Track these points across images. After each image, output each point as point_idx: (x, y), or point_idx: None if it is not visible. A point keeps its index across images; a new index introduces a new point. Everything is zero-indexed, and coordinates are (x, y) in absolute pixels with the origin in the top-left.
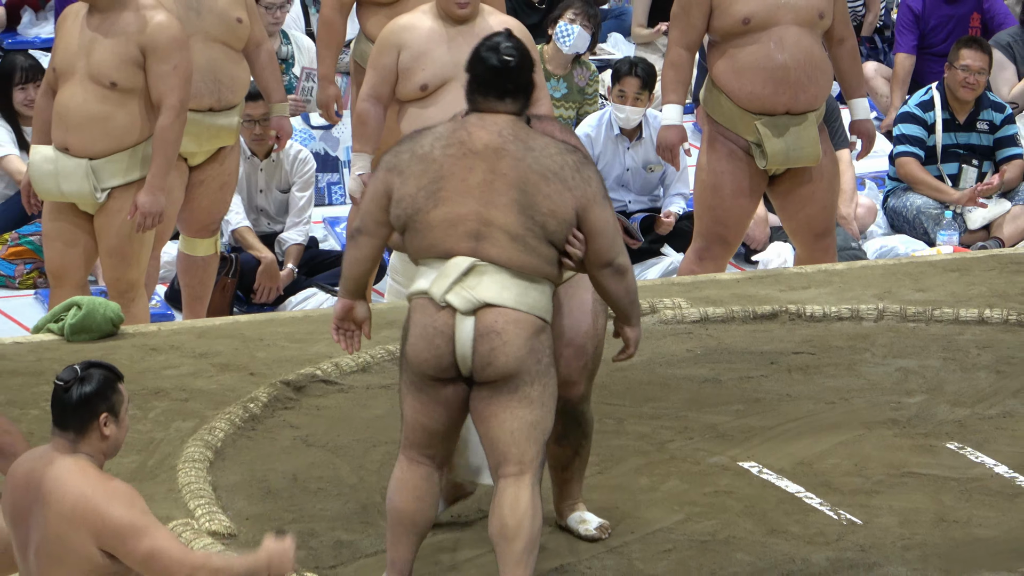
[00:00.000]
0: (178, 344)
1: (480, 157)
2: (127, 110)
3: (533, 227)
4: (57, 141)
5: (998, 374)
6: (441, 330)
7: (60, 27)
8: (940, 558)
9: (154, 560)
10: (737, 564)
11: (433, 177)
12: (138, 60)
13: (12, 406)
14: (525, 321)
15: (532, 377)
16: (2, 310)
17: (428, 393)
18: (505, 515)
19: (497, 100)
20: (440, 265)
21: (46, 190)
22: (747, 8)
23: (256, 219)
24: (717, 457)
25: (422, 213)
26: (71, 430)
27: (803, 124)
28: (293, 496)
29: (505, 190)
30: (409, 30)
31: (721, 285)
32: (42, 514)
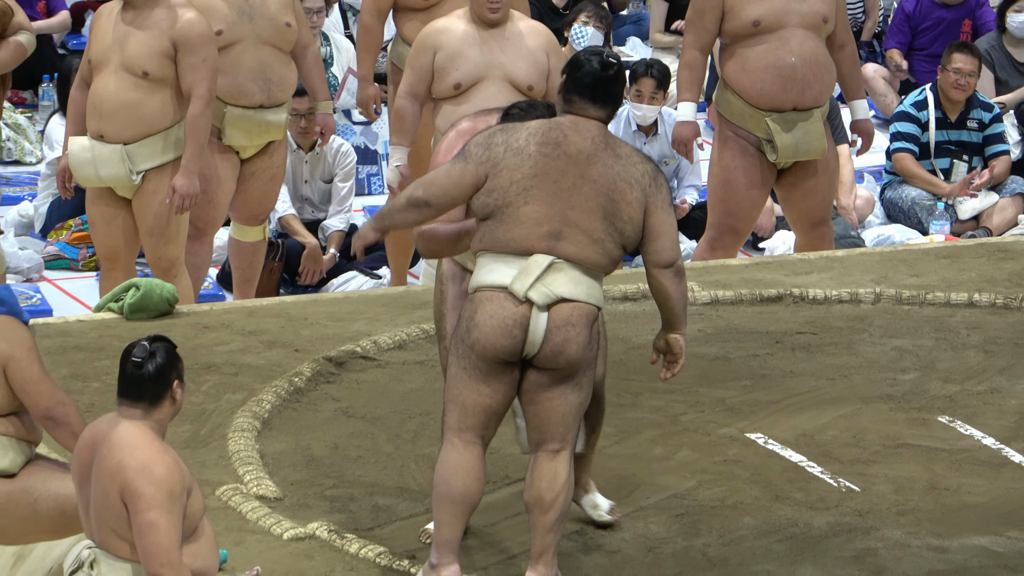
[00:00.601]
0: (228, 322)
1: (573, 161)
2: (158, 97)
3: (613, 232)
4: (92, 130)
5: (986, 353)
6: (520, 322)
7: (95, 23)
8: (932, 523)
9: (146, 534)
10: (744, 527)
11: (527, 174)
12: (169, 53)
13: (76, 379)
14: (591, 313)
15: (588, 364)
16: (67, 290)
17: (493, 375)
18: (543, 488)
19: (591, 104)
20: (516, 262)
21: (85, 177)
22: (757, 11)
23: (301, 207)
24: (726, 429)
25: (512, 207)
26: (145, 400)
27: (810, 119)
28: (334, 463)
29: (593, 195)
30: (444, 33)
31: (730, 270)
32: (97, 471)
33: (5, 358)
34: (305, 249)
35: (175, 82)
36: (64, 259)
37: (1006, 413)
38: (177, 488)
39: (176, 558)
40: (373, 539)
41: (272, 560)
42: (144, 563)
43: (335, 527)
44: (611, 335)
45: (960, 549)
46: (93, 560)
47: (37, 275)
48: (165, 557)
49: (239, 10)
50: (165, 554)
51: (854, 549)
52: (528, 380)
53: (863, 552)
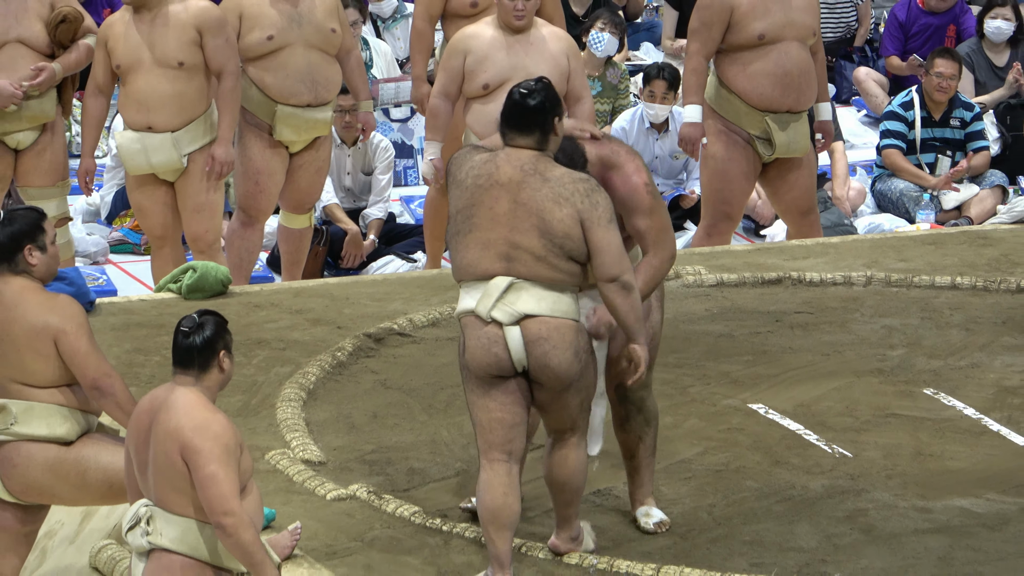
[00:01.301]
0: (277, 302)
1: (505, 188)
2: (194, 84)
3: (553, 248)
4: (139, 123)
5: (967, 331)
6: (495, 340)
7: (110, 33)
8: (918, 485)
9: (208, 486)
10: (746, 490)
11: (466, 203)
12: (196, 39)
13: (138, 353)
14: (564, 326)
15: (579, 371)
16: (130, 272)
17: (496, 388)
18: (557, 472)
19: (518, 134)
20: (480, 286)
21: (137, 165)
22: (762, 26)
23: (344, 197)
24: (730, 400)
25: (460, 236)
26: (195, 367)
27: (800, 120)
28: (373, 430)
29: (526, 217)
30: (473, 38)
31: (734, 255)
32: (156, 434)
33: (56, 331)
34: (347, 235)
35: (204, 67)
36: (127, 244)
37: (985, 386)
38: (231, 443)
39: (236, 506)
40: (408, 499)
41: (316, 519)
42: (208, 512)
43: (373, 488)
44: None
45: (943, 510)
46: (150, 517)
47: (103, 258)
48: (227, 505)
49: (289, 17)
50: (226, 502)
51: (846, 510)
52: (535, 396)
53: (855, 512)
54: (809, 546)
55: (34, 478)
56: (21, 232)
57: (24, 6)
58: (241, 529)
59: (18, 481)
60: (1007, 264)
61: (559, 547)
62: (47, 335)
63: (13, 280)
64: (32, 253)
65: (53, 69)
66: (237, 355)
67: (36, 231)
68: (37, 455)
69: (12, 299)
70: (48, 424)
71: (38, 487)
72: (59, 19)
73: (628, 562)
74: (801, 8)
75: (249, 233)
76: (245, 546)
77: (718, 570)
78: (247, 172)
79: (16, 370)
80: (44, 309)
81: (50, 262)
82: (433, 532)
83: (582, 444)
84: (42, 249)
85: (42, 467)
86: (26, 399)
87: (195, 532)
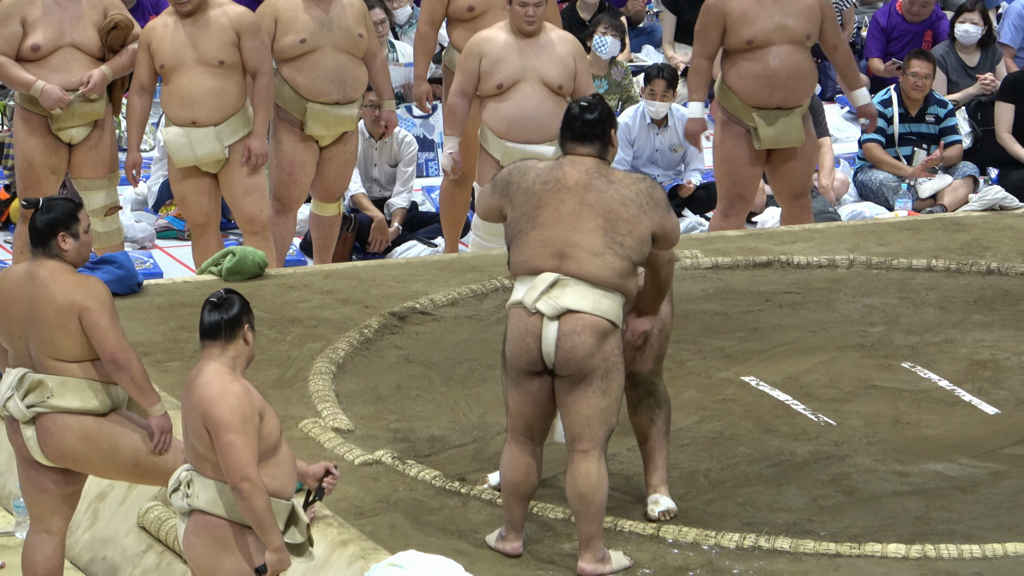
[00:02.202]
0: (309, 283)
1: (571, 192)
2: (233, 81)
3: (613, 245)
4: (183, 119)
5: (941, 310)
6: (531, 331)
7: (152, 37)
8: (896, 451)
9: (226, 453)
10: (739, 455)
11: (533, 206)
12: (234, 41)
13: (182, 330)
14: (598, 324)
15: (603, 372)
16: (175, 256)
17: (524, 386)
18: (580, 485)
19: (579, 144)
20: (530, 280)
21: (183, 158)
22: (750, 32)
23: (370, 187)
24: (724, 372)
25: (523, 234)
26: (222, 339)
27: (790, 116)
28: (397, 401)
29: (592, 217)
30: (488, 41)
31: (728, 240)
32: (186, 405)
33: (80, 308)
34: (373, 222)
35: (241, 66)
36: (172, 230)
37: (958, 360)
38: (248, 411)
39: (252, 472)
40: (429, 464)
41: (345, 482)
42: (227, 477)
43: (397, 454)
44: None
45: (919, 473)
46: (189, 481)
47: (150, 243)
48: (244, 472)
49: (320, 23)
50: (243, 469)
51: (831, 473)
52: (556, 388)
53: (838, 476)
54: (796, 507)
55: (69, 446)
56: (56, 220)
57: (79, 13)
58: (256, 494)
59: (54, 448)
60: (978, 248)
61: (587, 571)
62: (73, 312)
63: (47, 263)
64: (65, 239)
65: (103, 73)
66: (273, 332)
67: (70, 219)
68: (72, 425)
69: (44, 280)
70: (81, 397)
71: (72, 455)
72: (111, 25)
73: (631, 522)
74: (794, 13)
75: (283, 220)
76: (257, 510)
77: (713, 529)
78: (281, 164)
79: (49, 346)
80: (71, 288)
81: (81, 249)
82: (452, 494)
83: (603, 460)
84: (75, 236)
85: (76, 436)
86: (60, 374)
87: (227, 495)
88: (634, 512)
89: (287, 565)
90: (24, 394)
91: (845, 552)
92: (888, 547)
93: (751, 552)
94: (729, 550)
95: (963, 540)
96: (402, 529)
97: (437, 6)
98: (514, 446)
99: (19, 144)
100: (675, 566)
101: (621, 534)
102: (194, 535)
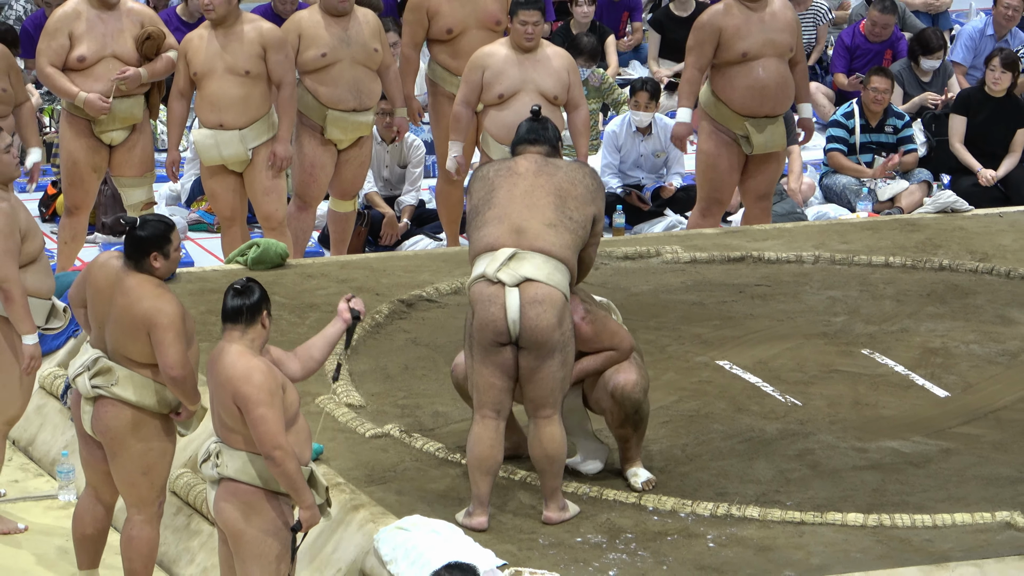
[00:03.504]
0: (326, 272)
1: (523, 176)
2: (258, 90)
3: (564, 219)
4: (212, 122)
5: (898, 302)
6: (495, 300)
7: (189, 46)
8: (856, 430)
9: (258, 426)
10: (714, 432)
11: (488, 190)
12: (261, 54)
13: (210, 314)
14: (556, 295)
15: (562, 345)
16: (205, 247)
17: (491, 359)
18: (547, 446)
19: (529, 144)
20: (490, 255)
21: (210, 157)
22: (744, 46)
23: (382, 186)
24: (701, 357)
25: (480, 216)
26: (242, 323)
27: (776, 123)
28: (404, 380)
29: (544, 195)
30: (490, 56)
31: (705, 237)
32: (212, 384)
33: (151, 324)
34: (384, 218)
35: (266, 76)
36: (203, 223)
37: (912, 347)
38: (273, 386)
39: (283, 441)
40: (434, 437)
41: (356, 453)
42: (259, 447)
43: (405, 428)
44: (613, 285)
45: (877, 450)
46: (218, 452)
47: (183, 236)
48: (275, 441)
49: (339, 38)
50: (275, 438)
51: (797, 449)
52: (521, 364)
53: (803, 451)
54: (765, 479)
55: (114, 430)
56: (150, 240)
57: (120, 27)
58: (288, 461)
59: (101, 427)
60: (931, 247)
61: (553, 519)
62: (145, 326)
63: (136, 275)
64: (157, 259)
65: (139, 72)
66: (293, 316)
67: (163, 241)
68: (122, 414)
69: (129, 289)
70: (139, 394)
71: (109, 438)
72: (145, 36)
73: (614, 491)
74: (779, 29)
75: (304, 215)
76: (290, 475)
77: (689, 498)
78: (303, 165)
79: (122, 346)
80: (149, 302)
81: (171, 266)
82: (454, 465)
83: (559, 419)
84: (166, 256)
85: (122, 425)
86: (128, 369)
87: (253, 464)
88: (616, 483)
89: (318, 521)
90: (93, 375)
91: (809, 520)
92: (848, 516)
93: (724, 519)
94: (704, 517)
95: (915, 510)
96: (408, 495)
97: (418, 29)
98: (481, 422)
99: (65, 144)
100: (654, 531)
101: (606, 503)
102: (224, 500)
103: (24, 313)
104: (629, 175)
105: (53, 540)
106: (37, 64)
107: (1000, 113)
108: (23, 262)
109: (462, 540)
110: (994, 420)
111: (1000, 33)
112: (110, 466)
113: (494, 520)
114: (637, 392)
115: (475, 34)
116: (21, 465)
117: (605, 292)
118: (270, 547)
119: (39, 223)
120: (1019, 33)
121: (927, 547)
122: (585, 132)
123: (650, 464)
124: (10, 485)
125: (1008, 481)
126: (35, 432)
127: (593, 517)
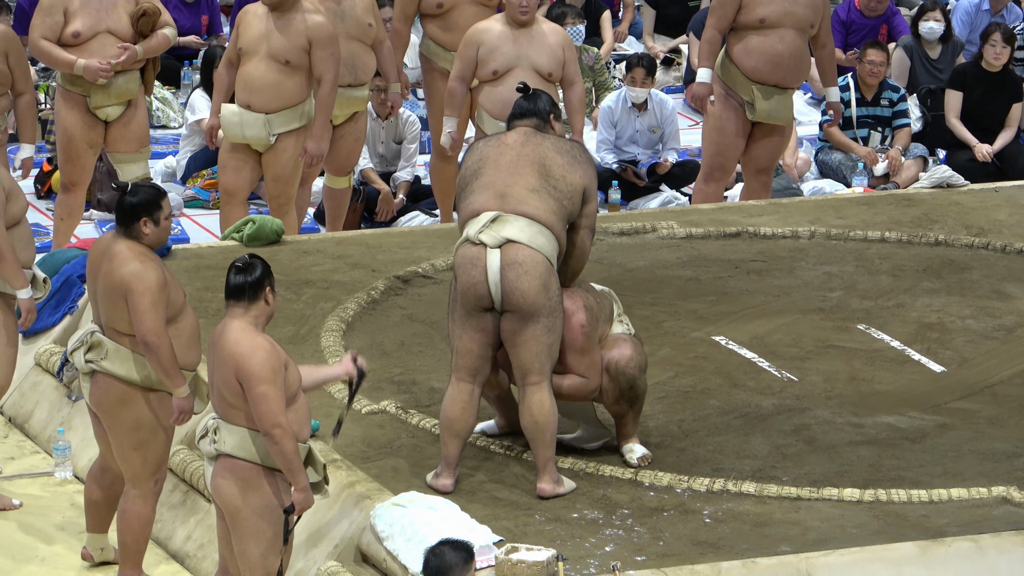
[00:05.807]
0: (322, 249)
1: (511, 147)
2: (294, 80)
3: (547, 185)
4: (242, 100)
5: (894, 277)
6: (476, 262)
7: (243, 19)
8: (852, 405)
9: (259, 403)
10: (710, 408)
11: (477, 160)
12: (305, 47)
13: (207, 291)
14: (538, 258)
15: (548, 310)
16: (201, 224)
17: (473, 323)
18: (536, 414)
19: (520, 119)
20: (475, 220)
21: (233, 135)
22: (764, 12)
23: (378, 162)
24: (697, 332)
25: (468, 185)
26: (246, 299)
27: (784, 95)
28: (400, 356)
29: (528, 164)
30: (485, 32)
31: (701, 212)
32: (214, 360)
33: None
34: (380, 194)
35: (307, 68)
36: (199, 200)
37: (908, 322)
38: (276, 364)
39: (283, 419)
40: (429, 414)
41: (352, 429)
42: (259, 425)
43: (400, 404)
44: (609, 261)
45: (873, 425)
46: (216, 428)
47: (178, 212)
48: (275, 419)
49: (333, 13)
50: (275, 416)
51: (793, 424)
52: (504, 329)
53: (799, 427)
54: (761, 454)
55: (103, 404)
56: (140, 205)
57: (114, 2)
58: (286, 439)
59: (95, 401)
60: (927, 221)
61: (546, 491)
62: (122, 289)
63: (125, 240)
64: (146, 224)
65: (135, 50)
66: (288, 293)
67: (153, 206)
68: (112, 389)
69: (113, 255)
70: (127, 368)
71: (103, 411)
72: (141, 12)
73: (611, 467)
74: (803, 4)
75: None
76: (287, 454)
77: (686, 474)
78: None
79: (108, 316)
80: (127, 268)
81: (160, 234)
82: None
83: (551, 389)
84: (156, 223)
85: (112, 400)
86: (117, 342)
87: (251, 440)
88: (613, 459)
89: (311, 503)
90: (87, 349)
91: (805, 496)
92: (844, 491)
93: (720, 495)
94: (700, 493)
95: (911, 486)
96: (404, 471)
97: (409, 3)
98: (456, 384)
99: (60, 121)
100: (651, 507)
101: (602, 478)
102: (221, 477)
103: (15, 269)
104: (625, 151)
105: (49, 517)
106: (30, 39)
107: (996, 88)
108: (8, 223)
109: (459, 516)
110: (990, 395)
111: (996, 8)
112: (109, 439)
113: (491, 496)
114: (631, 367)
115: (467, 8)
116: (17, 442)
117: (601, 268)
118: (267, 523)
119: (34, 199)
120: (1015, 8)
121: (923, 522)
122: (581, 109)
123: (646, 440)
124: (6, 462)
125: (1004, 456)
126: (31, 409)
127: (589, 493)
